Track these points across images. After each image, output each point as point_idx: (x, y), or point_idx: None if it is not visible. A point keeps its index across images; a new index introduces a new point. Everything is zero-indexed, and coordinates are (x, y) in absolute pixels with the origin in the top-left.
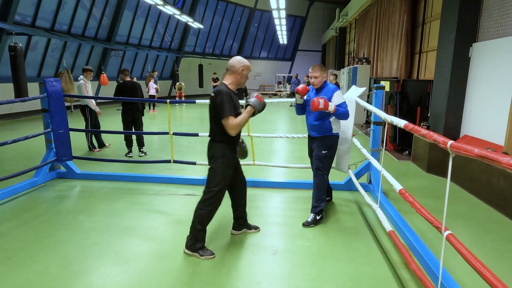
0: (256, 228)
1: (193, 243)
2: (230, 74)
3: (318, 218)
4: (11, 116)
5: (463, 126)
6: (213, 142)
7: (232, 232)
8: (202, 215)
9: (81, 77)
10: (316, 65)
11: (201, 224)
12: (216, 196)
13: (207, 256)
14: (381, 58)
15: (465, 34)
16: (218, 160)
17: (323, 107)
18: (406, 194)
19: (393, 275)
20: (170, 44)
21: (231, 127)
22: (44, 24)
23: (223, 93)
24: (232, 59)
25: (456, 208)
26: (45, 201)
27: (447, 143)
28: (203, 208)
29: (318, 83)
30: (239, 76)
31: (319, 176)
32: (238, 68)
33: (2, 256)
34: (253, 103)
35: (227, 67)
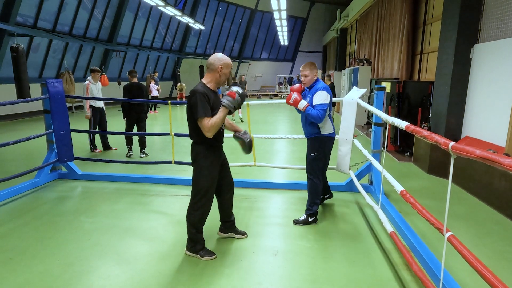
0: (244, 234)
1: (193, 245)
2: (209, 72)
3: (310, 220)
4: (13, 117)
5: (464, 127)
6: (193, 144)
7: (218, 233)
8: (193, 219)
9: (88, 78)
10: (306, 63)
11: (195, 228)
12: (203, 199)
13: (208, 257)
14: (382, 59)
15: (466, 36)
16: (201, 162)
17: (292, 102)
18: (408, 195)
19: (394, 276)
20: (171, 45)
21: (207, 129)
22: (45, 25)
23: (197, 93)
24: (211, 56)
25: (457, 209)
26: (47, 201)
27: (448, 144)
28: (192, 212)
29: (308, 81)
30: (218, 74)
31: (309, 179)
32: (217, 66)
33: (4, 257)
34: (226, 104)
35: (207, 64)
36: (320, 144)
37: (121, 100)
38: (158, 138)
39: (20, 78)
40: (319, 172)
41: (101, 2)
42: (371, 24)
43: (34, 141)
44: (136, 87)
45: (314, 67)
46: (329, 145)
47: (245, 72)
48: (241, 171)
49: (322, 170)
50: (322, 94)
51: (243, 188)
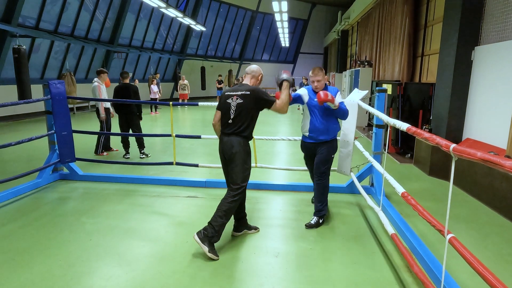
0: (256, 228)
1: (212, 235)
2: (251, 78)
3: (321, 221)
4: (14, 117)
5: (465, 129)
6: (241, 138)
7: (233, 234)
8: (231, 208)
9: (95, 80)
10: (316, 68)
11: (228, 217)
12: (244, 191)
13: (212, 255)
14: (383, 61)
15: (467, 38)
16: (246, 154)
17: (330, 98)
18: (409, 197)
19: (396, 278)
20: (173, 46)
21: (283, 105)
22: (47, 27)
23: (259, 89)
24: (254, 66)
25: (459, 211)
26: (48, 202)
27: (449, 146)
28: (232, 202)
29: (321, 86)
30: (258, 81)
31: (324, 180)
32: (259, 74)
33: (6, 257)
34: (287, 78)
35: (248, 71)
36: (335, 146)
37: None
38: (159, 140)
39: (21, 79)
40: (329, 173)
41: (103, 3)
42: (372, 26)
43: (36, 142)
44: (124, 88)
45: (323, 72)
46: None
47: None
48: None
49: (329, 171)
50: (340, 95)
51: None
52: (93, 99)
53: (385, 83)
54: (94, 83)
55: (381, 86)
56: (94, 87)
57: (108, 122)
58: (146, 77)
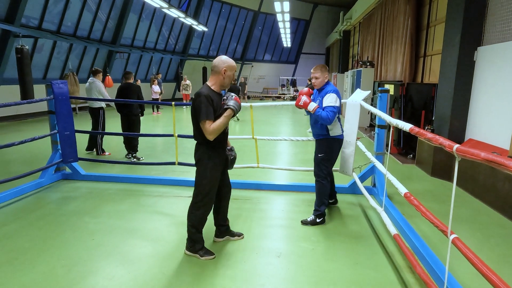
0: (240, 235)
1: (192, 245)
2: (213, 74)
3: (318, 220)
4: (17, 117)
5: (467, 130)
6: (198, 144)
7: (214, 239)
8: (194, 219)
9: (93, 79)
10: (317, 65)
11: (195, 227)
12: (205, 199)
13: (207, 257)
14: (385, 62)
15: (470, 38)
16: (204, 163)
17: (302, 104)
18: (412, 198)
19: (398, 279)
20: (175, 46)
21: (209, 132)
22: (50, 27)
23: (201, 96)
24: (216, 59)
25: (461, 212)
26: (51, 202)
27: (453, 146)
28: (193, 211)
29: (319, 83)
30: (222, 76)
31: (317, 181)
32: (221, 68)
33: (9, 257)
34: (233, 106)
35: (211, 67)
36: (328, 146)
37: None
38: (161, 140)
39: (24, 79)
40: (326, 173)
41: (105, 3)
42: (374, 26)
43: (38, 141)
44: (126, 88)
45: (325, 70)
46: (336, 147)
47: (248, 74)
48: (244, 172)
49: (329, 171)
50: (331, 97)
51: (246, 190)
52: (95, 99)
53: (387, 84)
54: (95, 81)
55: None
56: (100, 86)
57: (104, 122)
58: (148, 77)
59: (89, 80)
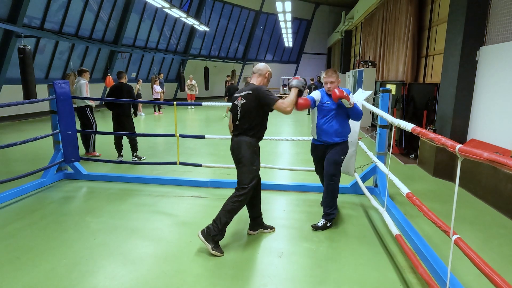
0: (272, 227)
1: (216, 234)
2: (258, 76)
3: (328, 225)
4: (19, 117)
5: (470, 130)
6: (247, 137)
7: (248, 232)
8: (235, 208)
9: (78, 78)
10: (330, 70)
11: (231, 217)
12: (249, 192)
13: (216, 252)
14: (387, 61)
15: (472, 38)
16: (252, 157)
17: (346, 95)
18: (414, 198)
19: (400, 279)
20: (176, 46)
21: (288, 105)
22: (52, 27)
23: (262, 88)
24: (260, 64)
25: (463, 213)
26: (53, 201)
27: (455, 147)
28: (236, 202)
29: (335, 87)
30: (265, 79)
31: (335, 182)
32: (265, 72)
33: (11, 256)
34: (296, 84)
35: (254, 70)
36: (347, 147)
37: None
38: (162, 140)
39: (26, 79)
40: (339, 176)
41: (107, 4)
42: (376, 26)
43: (40, 141)
44: (117, 88)
45: (337, 74)
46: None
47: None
48: None
49: (340, 173)
50: (352, 96)
51: None
52: (96, 98)
53: (389, 84)
54: (80, 81)
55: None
56: (82, 84)
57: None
58: (149, 77)
59: (76, 80)
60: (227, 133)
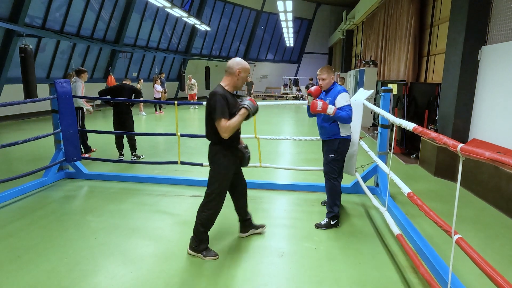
0: (263, 226)
1: (197, 244)
2: (228, 75)
3: (332, 223)
4: (20, 116)
5: (471, 129)
6: (212, 145)
7: (240, 235)
8: (204, 218)
9: (75, 79)
10: (324, 66)
11: (204, 227)
12: (217, 199)
13: (210, 257)
14: (388, 61)
15: (474, 37)
16: (219, 162)
17: (320, 109)
18: (415, 198)
19: (401, 279)
20: (177, 46)
21: (224, 129)
22: (53, 26)
23: (217, 95)
24: (230, 61)
25: (465, 212)
26: (54, 200)
27: (457, 146)
28: (205, 211)
29: (326, 85)
30: (236, 78)
31: (329, 180)
32: (236, 70)
33: (12, 255)
34: (248, 105)
35: (226, 68)
36: (339, 146)
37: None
38: (163, 139)
39: (28, 79)
40: (338, 173)
41: (108, 3)
42: (378, 25)
43: (41, 140)
44: (117, 88)
45: (331, 71)
46: (346, 147)
47: (251, 74)
48: (247, 172)
49: (340, 171)
50: (345, 96)
51: (248, 189)
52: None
53: (390, 83)
54: (77, 81)
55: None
56: (77, 85)
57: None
58: (151, 77)
59: (72, 80)
60: None
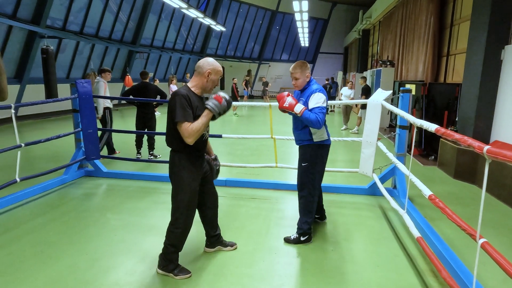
0: (233, 245)
1: (166, 264)
2: (196, 75)
3: (302, 239)
4: (41, 116)
5: (493, 131)
6: (172, 152)
7: (205, 250)
8: (174, 237)
9: (98, 78)
10: (296, 63)
11: (175, 246)
12: (184, 215)
13: (182, 276)
14: (406, 61)
15: (497, 36)
16: (179, 173)
17: (287, 106)
18: (437, 200)
19: (420, 283)
20: (193, 46)
21: (187, 134)
22: (73, 28)
23: (178, 96)
24: (202, 60)
25: (487, 216)
26: (74, 198)
27: (483, 148)
28: (172, 230)
29: (300, 84)
30: (205, 79)
31: (301, 192)
32: (205, 70)
33: (35, 250)
34: (211, 107)
35: (195, 67)
36: (312, 153)
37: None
38: None
39: (49, 79)
40: (310, 186)
41: (126, 5)
42: (395, 25)
43: (61, 139)
44: (142, 87)
45: (305, 67)
46: (322, 154)
47: (265, 74)
48: (262, 172)
49: (314, 183)
50: (318, 96)
51: (264, 189)
52: (116, 98)
53: (408, 83)
54: (100, 81)
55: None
56: (100, 85)
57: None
58: (166, 77)
59: (96, 80)
60: (243, 133)
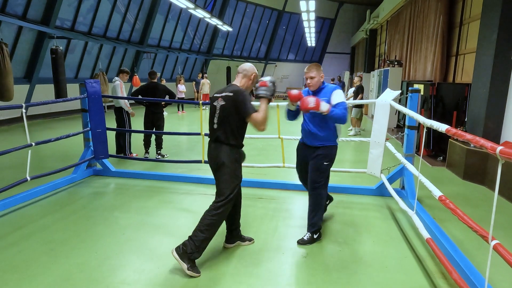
0: (251, 240)
1: (193, 252)
2: (243, 77)
3: (315, 237)
4: (50, 115)
5: (503, 132)
6: (225, 145)
7: (224, 245)
8: (215, 223)
9: (116, 78)
10: (311, 64)
11: (211, 233)
12: (230, 203)
13: (193, 273)
14: (414, 61)
15: (508, 35)
16: (233, 165)
17: (314, 106)
18: (447, 201)
19: (429, 284)
20: (200, 46)
21: (260, 122)
22: (82, 28)
23: (244, 92)
24: (246, 64)
25: (496, 218)
26: (83, 196)
27: (496, 148)
28: (215, 216)
29: (315, 84)
30: (250, 81)
31: (317, 189)
32: (251, 73)
33: (46, 248)
34: (263, 94)
35: (240, 70)
36: (333, 153)
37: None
38: (186, 138)
39: (58, 79)
40: (327, 182)
41: (133, 5)
42: (403, 24)
43: (70, 138)
44: (151, 87)
45: (320, 68)
46: (336, 153)
47: (272, 73)
48: (269, 172)
49: (328, 180)
50: (339, 93)
51: (271, 189)
52: (126, 97)
53: (416, 83)
54: (115, 82)
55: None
56: (116, 85)
57: (130, 122)
58: (173, 77)
59: (113, 80)
60: (253, 133)
